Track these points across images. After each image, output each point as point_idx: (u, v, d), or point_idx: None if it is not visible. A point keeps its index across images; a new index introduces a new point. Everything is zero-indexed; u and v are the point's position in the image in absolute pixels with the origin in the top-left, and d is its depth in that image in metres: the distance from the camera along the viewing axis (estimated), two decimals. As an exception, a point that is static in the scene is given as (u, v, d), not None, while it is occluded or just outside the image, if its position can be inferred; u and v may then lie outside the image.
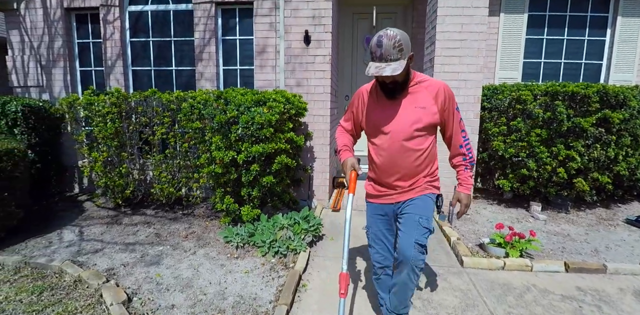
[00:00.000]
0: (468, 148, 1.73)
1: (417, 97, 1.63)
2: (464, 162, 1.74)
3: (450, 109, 1.66)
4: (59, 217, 3.71)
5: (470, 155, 1.74)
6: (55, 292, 2.33)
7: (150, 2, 4.31)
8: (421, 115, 1.61)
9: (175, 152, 3.67)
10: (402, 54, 1.47)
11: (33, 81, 4.48)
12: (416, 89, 1.65)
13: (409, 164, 1.69)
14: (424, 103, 1.62)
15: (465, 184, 1.76)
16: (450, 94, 1.65)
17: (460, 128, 1.72)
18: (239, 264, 2.78)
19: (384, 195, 1.83)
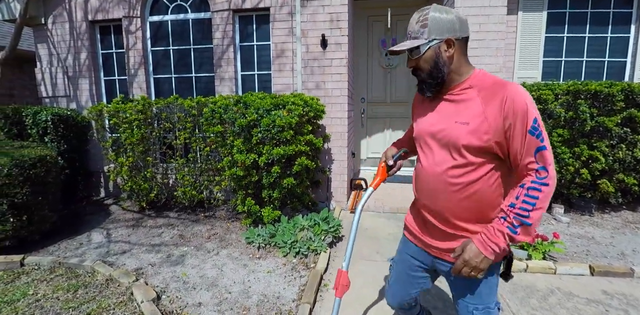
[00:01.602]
0: (530, 197, 1.03)
1: (462, 107, 1.13)
2: (507, 210, 1.06)
3: (517, 130, 1.03)
4: (87, 221, 3.86)
5: (524, 208, 1.03)
6: (89, 290, 2.43)
7: (170, 12, 4.46)
8: (461, 135, 1.10)
9: (197, 156, 3.77)
10: (424, 32, 1.12)
11: (61, 91, 4.69)
12: (465, 94, 1.14)
13: (447, 200, 1.17)
14: (469, 117, 1.10)
15: (485, 237, 1.08)
16: (520, 107, 1.02)
17: (534, 161, 1.04)
18: (261, 264, 2.83)
19: (418, 237, 1.35)
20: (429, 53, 1.14)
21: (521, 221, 1.03)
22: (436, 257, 1.29)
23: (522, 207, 1.03)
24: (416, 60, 1.18)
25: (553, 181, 1.03)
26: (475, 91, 1.12)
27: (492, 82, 1.12)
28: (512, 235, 1.04)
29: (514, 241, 1.06)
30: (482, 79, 1.14)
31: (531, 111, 1.03)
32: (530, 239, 1.07)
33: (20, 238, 3.01)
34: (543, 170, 1.03)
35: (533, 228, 1.05)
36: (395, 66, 5.11)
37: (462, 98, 1.15)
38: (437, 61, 1.14)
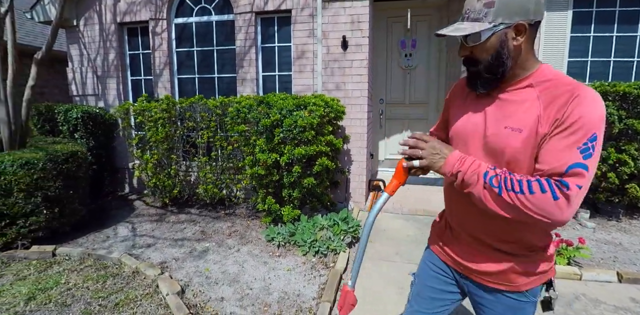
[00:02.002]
0: (527, 186, 0.82)
1: (516, 109, 0.91)
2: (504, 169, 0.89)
3: (561, 138, 0.82)
4: (113, 215, 3.99)
5: (510, 181, 0.84)
6: (117, 281, 2.52)
7: (195, 14, 4.57)
8: (510, 143, 0.89)
9: (219, 154, 3.85)
10: (488, 12, 0.87)
11: (90, 90, 4.86)
12: (523, 94, 0.92)
13: (478, 217, 1.00)
14: (522, 122, 0.88)
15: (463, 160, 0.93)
16: (586, 115, 0.81)
17: (561, 174, 0.81)
18: (281, 262, 2.88)
19: (447, 252, 1.16)
20: (492, 41, 0.89)
21: (499, 184, 0.84)
22: (466, 277, 1.10)
23: (512, 181, 0.83)
24: (473, 48, 0.93)
25: (566, 204, 0.78)
26: (536, 91, 0.89)
27: (560, 81, 0.88)
28: (477, 176, 0.87)
29: (464, 182, 0.90)
30: (548, 76, 0.90)
31: (595, 124, 0.80)
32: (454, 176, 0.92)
33: (52, 229, 3.14)
34: (567, 186, 0.78)
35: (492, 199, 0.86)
36: (414, 67, 5.09)
37: (518, 98, 0.92)
38: (500, 52, 0.90)
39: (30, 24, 7.59)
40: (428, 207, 3.82)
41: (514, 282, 1.00)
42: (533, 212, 0.80)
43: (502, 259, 1.00)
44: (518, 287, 1.00)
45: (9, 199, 2.82)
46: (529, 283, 1.00)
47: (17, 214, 2.88)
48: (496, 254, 1.01)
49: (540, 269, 1.00)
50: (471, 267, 1.06)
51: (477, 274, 1.06)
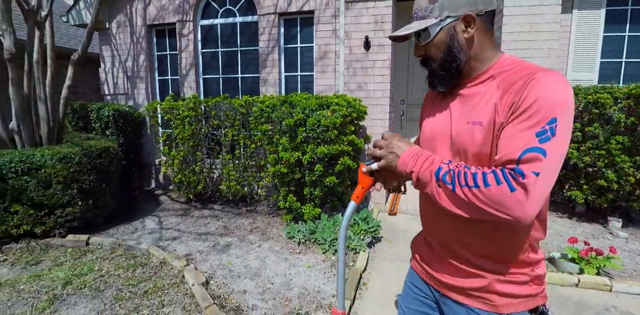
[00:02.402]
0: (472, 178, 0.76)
1: (476, 102, 0.86)
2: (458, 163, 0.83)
3: (517, 123, 0.76)
4: (140, 208, 4.16)
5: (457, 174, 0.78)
6: (146, 270, 2.65)
7: (220, 16, 4.70)
8: (472, 138, 0.84)
9: (242, 152, 3.96)
10: (434, 8, 0.87)
11: (120, 90, 5.08)
12: (483, 86, 0.87)
13: (457, 228, 0.93)
14: (482, 114, 0.83)
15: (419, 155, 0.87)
16: (542, 98, 0.73)
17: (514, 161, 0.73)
18: (301, 259, 2.93)
19: (420, 266, 1.10)
20: (441, 36, 0.88)
21: (453, 180, 0.77)
22: (441, 294, 1.01)
23: (466, 175, 0.76)
24: (425, 46, 0.91)
25: (524, 196, 0.70)
26: (496, 82, 0.84)
27: (521, 68, 0.83)
28: (430, 174, 0.82)
29: (419, 181, 0.85)
30: (508, 66, 0.86)
31: (555, 107, 0.72)
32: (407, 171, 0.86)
33: (86, 220, 3.32)
34: (522, 175, 0.70)
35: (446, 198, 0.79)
36: (437, 68, 5.05)
37: (479, 91, 0.87)
38: (451, 46, 0.87)
39: (65, 27, 7.97)
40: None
41: (491, 301, 0.90)
42: (490, 207, 0.72)
43: (478, 275, 0.91)
44: (497, 308, 0.89)
45: (48, 190, 3.00)
46: (510, 305, 0.89)
47: (55, 205, 3.06)
48: (472, 268, 0.92)
49: (524, 292, 0.89)
50: (447, 282, 0.97)
51: (453, 291, 0.97)
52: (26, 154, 2.98)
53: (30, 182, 2.92)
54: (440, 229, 0.99)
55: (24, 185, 2.91)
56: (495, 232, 0.86)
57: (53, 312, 2.18)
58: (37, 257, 2.86)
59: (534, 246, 0.90)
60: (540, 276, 0.91)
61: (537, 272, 0.90)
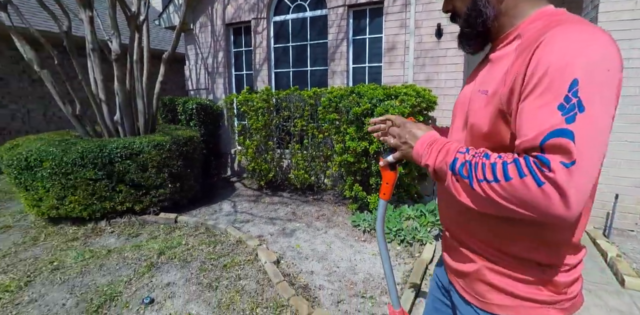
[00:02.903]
0: (491, 169, 0.62)
1: (495, 68, 0.74)
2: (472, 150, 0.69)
3: (532, 96, 0.60)
4: (218, 193, 4.56)
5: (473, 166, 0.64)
6: (224, 247, 2.93)
7: (291, 11, 4.89)
8: (476, 109, 0.74)
9: (310, 142, 4.11)
10: None
11: (202, 85, 5.57)
12: (508, 48, 0.74)
13: (453, 210, 0.86)
14: (492, 81, 0.72)
15: (434, 142, 0.75)
16: (554, 59, 0.58)
17: (537, 147, 0.58)
18: (366, 247, 2.99)
19: (443, 256, 0.99)
20: None
21: (469, 174, 0.64)
22: (450, 282, 0.92)
23: (484, 167, 0.62)
24: (452, 0, 0.82)
25: (555, 192, 0.54)
26: (518, 42, 0.71)
27: (548, 22, 0.66)
28: (445, 166, 0.69)
29: (437, 174, 0.73)
30: (540, 21, 0.70)
31: (572, 71, 0.55)
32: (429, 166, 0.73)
33: (174, 201, 3.75)
34: (548, 166, 0.55)
35: (465, 194, 0.66)
36: (517, 55, 4.69)
37: (503, 54, 0.74)
38: (478, 1, 0.75)
39: (155, 31, 8.91)
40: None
41: (483, 296, 0.78)
42: (515, 205, 0.58)
43: (466, 257, 0.81)
44: (489, 306, 0.77)
45: (145, 173, 3.45)
46: (507, 307, 0.74)
47: (150, 186, 3.50)
48: (462, 248, 0.83)
49: (528, 293, 0.72)
50: (449, 263, 0.90)
51: (452, 273, 0.89)
52: (128, 141, 3.45)
53: (131, 166, 3.38)
54: (446, 213, 0.90)
55: (126, 168, 3.37)
56: (497, 227, 0.74)
57: (151, 276, 2.53)
58: (137, 231, 3.32)
59: (559, 247, 0.72)
60: (558, 284, 0.72)
61: (554, 278, 0.72)
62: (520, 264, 0.73)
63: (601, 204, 3.24)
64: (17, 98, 6.29)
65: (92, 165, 3.24)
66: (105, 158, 3.27)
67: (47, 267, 2.66)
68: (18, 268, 2.67)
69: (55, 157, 3.20)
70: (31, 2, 7.01)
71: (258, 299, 2.25)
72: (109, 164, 3.31)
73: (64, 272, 2.59)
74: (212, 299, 2.26)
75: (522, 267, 0.73)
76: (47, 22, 6.46)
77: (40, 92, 6.59)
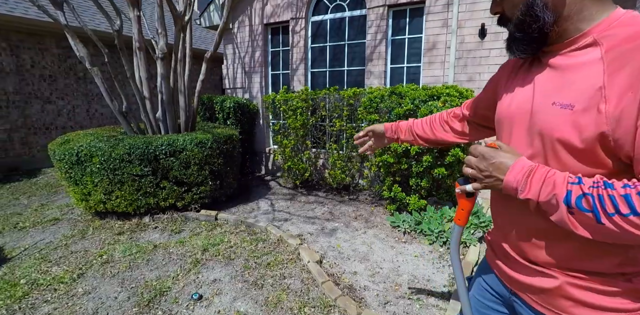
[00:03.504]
0: None
1: (570, 77, 0.69)
2: (597, 180, 0.62)
3: None
4: (254, 191, 4.62)
5: (615, 202, 0.58)
6: (266, 245, 2.96)
7: (330, 11, 4.89)
8: (558, 125, 0.68)
9: (347, 142, 4.10)
10: None
11: (239, 84, 5.67)
12: (582, 54, 0.68)
13: (513, 222, 0.83)
14: (576, 95, 0.66)
15: (534, 170, 0.67)
16: None
17: None
18: (407, 248, 2.95)
19: (494, 260, 0.95)
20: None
21: (594, 207, 0.58)
22: (513, 294, 0.89)
23: (614, 199, 0.57)
24: (502, 2, 0.77)
25: None
26: (601, 50, 0.64)
27: (636, 32, 0.61)
28: (556, 201, 0.62)
29: (541, 208, 0.67)
30: (621, 26, 0.64)
31: None
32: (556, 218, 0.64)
33: (214, 198, 3.83)
34: None
35: (583, 228, 0.62)
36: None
37: (575, 62, 0.68)
38: (532, 3, 0.70)
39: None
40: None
41: (565, 310, 0.74)
42: None
43: (543, 274, 0.76)
44: None
45: (188, 170, 3.53)
46: None
47: (192, 183, 3.59)
48: (535, 267, 0.78)
49: (615, 304, 0.70)
50: (515, 277, 0.85)
51: (523, 290, 0.84)
52: (172, 139, 3.54)
53: (175, 163, 3.47)
54: (514, 233, 0.83)
55: (170, 165, 3.47)
56: (588, 241, 0.66)
57: (197, 272, 2.59)
58: (179, 227, 3.41)
59: (637, 258, 0.70)
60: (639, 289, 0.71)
61: (637, 285, 0.70)
62: (606, 279, 0.71)
63: None
64: (64, 95, 6.60)
65: (138, 161, 3.35)
66: (150, 155, 3.37)
67: (97, 260, 2.77)
68: (70, 260, 2.79)
69: (104, 152, 3.33)
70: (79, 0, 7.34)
71: (304, 298, 2.26)
72: (154, 161, 3.41)
73: (113, 266, 2.69)
74: (259, 297, 2.28)
75: (607, 281, 0.70)
76: (93, 20, 6.75)
77: (84, 89, 6.89)
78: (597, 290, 0.71)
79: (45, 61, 6.27)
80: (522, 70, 0.83)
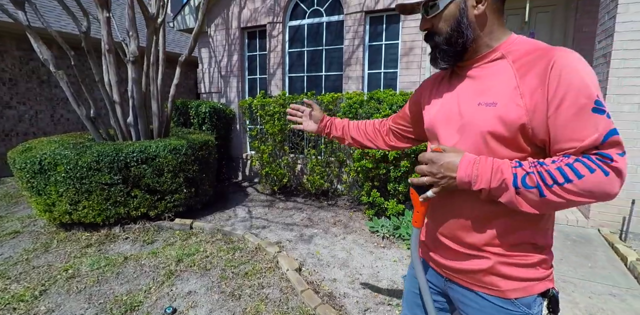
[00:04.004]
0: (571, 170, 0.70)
1: (489, 83, 0.85)
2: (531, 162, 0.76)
3: (569, 108, 0.73)
4: (231, 198, 4.51)
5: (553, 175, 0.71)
6: (243, 254, 2.87)
7: (307, 16, 4.88)
8: (485, 120, 0.82)
9: (326, 148, 4.08)
10: None
11: (215, 88, 5.55)
12: (494, 66, 0.86)
13: (451, 214, 0.93)
14: (497, 95, 0.82)
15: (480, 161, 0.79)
16: (574, 78, 0.73)
17: (597, 147, 0.72)
18: (386, 253, 2.94)
19: (428, 254, 1.06)
20: (451, 9, 0.85)
21: (537, 183, 0.71)
22: (448, 279, 1.00)
23: (551, 173, 0.70)
24: (433, 19, 0.89)
25: (617, 177, 0.69)
26: (508, 61, 0.83)
27: (532, 47, 0.81)
28: (505, 185, 0.74)
29: (491, 194, 0.78)
30: (519, 45, 0.84)
31: (588, 84, 0.71)
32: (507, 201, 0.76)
33: (188, 206, 3.70)
34: (610, 158, 0.69)
35: (528, 204, 0.74)
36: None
37: (490, 72, 0.86)
38: (460, 21, 0.84)
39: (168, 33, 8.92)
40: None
41: (496, 286, 0.89)
42: (586, 197, 0.70)
43: (477, 257, 0.90)
44: (503, 293, 0.88)
45: (161, 178, 3.40)
46: (517, 290, 0.87)
47: (166, 191, 3.45)
48: (477, 251, 0.90)
49: (531, 274, 0.87)
50: (450, 265, 0.97)
51: (457, 274, 0.96)
52: (144, 145, 3.40)
53: (147, 170, 3.34)
54: (443, 215, 0.95)
55: (142, 172, 3.33)
56: (510, 219, 0.84)
57: (171, 284, 2.47)
58: (152, 237, 3.26)
59: (546, 231, 0.90)
60: (547, 260, 0.89)
61: (544, 256, 0.89)
62: (525, 250, 0.86)
63: (617, 209, 3.27)
64: (26, 99, 6.25)
65: (107, 169, 3.20)
66: (121, 162, 3.22)
67: (62, 275, 2.60)
68: (32, 276, 2.60)
69: (70, 160, 3.15)
70: (43, 1, 7.00)
71: (283, 308, 2.20)
72: (124, 168, 3.26)
73: (79, 281, 2.53)
74: (237, 308, 2.20)
75: (526, 253, 0.86)
76: (59, 21, 6.45)
77: (48, 93, 6.56)
78: (519, 264, 0.87)
79: (5, 64, 5.92)
80: (443, 83, 0.99)
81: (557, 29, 4.56)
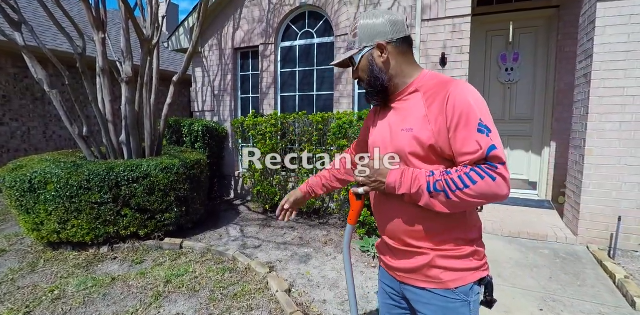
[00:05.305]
0: (468, 178, 0.91)
1: (407, 113, 1.05)
2: (440, 172, 0.96)
3: (460, 131, 0.93)
4: (223, 216, 4.49)
5: (455, 183, 0.91)
6: (233, 275, 2.85)
7: (299, 37, 5.03)
8: (406, 142, 1.01)
9: (318, 166, 4.11)
10: (355, 41, 1.08)
11: (208, 107, 5.61)
12: (411, 98, 1.06)
13: (392, 218, 1.09)
14: (412, 122, 1.01)
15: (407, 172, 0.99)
16: (463, 106, 0.92)
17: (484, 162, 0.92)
18: (376, 273, 2.93)
19: (381, 259, 1.24)
20: (363, 62, 1.08)
21: (444, 188, 0.91)
22: (402, 282, 1.13)
23: (454, 180, 0.90)
24: (357, 71, 1.12)
25: (503, 181, 0.89)
26: (420, 94, 1.03)
27: (437, 82, 1.02)
28: (422, 191, 0.94)
29: (412, 198, 0.98)
30: (428, 80, 1.05)
31: (475, 111, 0.92)
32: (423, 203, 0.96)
33: (179, 225, 3.67)
34: (495, 167, 0.89)
35: (440, 205, 0.93)
36: (516, 81, 4.85)
37: (407, 104, 1.06)
38: (372, 69, 1.07)
39: (159, 52, 9.06)
40: (531, 230, 3.54)
41: (438, 278, 1.03)
42: (482, 199, 0.90)
43: (419, 254, 1.06)
44: (445, 284, 1.02)
45: (152, 197, 3.39)
46: (456, 280, 1.02)
47: (156, 210, 3.44)
48: (412, 249, 1.07)
49: (466, 265, 1.02)
50: (396, 266, 1.12)
51: (407, 274, 1.10)
52: (135, 164, 3.42)
53: (138, 189, 3.33)
54: (384, 222, 1.14)
55: (133, 191, 3.32)
56: (438, 217, 1.01)
57: (158, 306, 2.44)
58: (141, 257, 3.23)
59: (475, 225, 1.07)
60: (479, 251, 1.05)
61: (476, 248, 1.04)
62: (458, 244, 1.02)
63: (605, 226, 3.31)
64: (19, 116, 6.25)
65: (98, 188, 3.19)
66: (112, 181, 3.22)
67: (47, 297, 2.56)
68: (16, 297, 2.56)
69: (60, 179, 3.15)
70: (40, 20, 7.12)
71: (272, 331, 2.17)
72: (115, 187, 3.26)
73: (65, 302, 2.49)
74: (225, 331, 2.17)
75: (459, 246, 1.02)
76: (55, 41, 6.54)
77: (41, 110, 6.57)
78: (455, 256, 1.02)
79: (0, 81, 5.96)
80: (379, 114, 1.20)
81: (540, 49, 4.74)
